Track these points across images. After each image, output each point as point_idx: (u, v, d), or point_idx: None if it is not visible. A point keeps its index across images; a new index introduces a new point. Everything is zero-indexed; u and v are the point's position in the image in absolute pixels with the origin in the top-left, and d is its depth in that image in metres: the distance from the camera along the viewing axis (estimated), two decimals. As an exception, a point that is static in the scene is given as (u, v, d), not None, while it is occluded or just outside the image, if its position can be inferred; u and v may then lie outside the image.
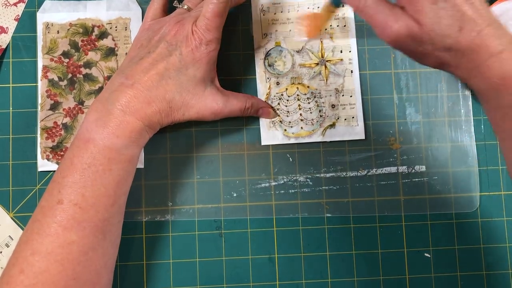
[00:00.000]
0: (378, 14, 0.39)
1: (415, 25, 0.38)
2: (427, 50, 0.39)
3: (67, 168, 0.43)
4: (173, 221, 0.53)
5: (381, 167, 0.54)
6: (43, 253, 0.41)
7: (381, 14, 0.39)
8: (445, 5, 0.37)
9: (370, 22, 0.40)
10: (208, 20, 0.46)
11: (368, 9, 0.40)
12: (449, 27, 0.37)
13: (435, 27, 0.37)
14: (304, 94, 0.54)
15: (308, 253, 0.53)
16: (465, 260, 0.53)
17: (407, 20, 0.38)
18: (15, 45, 0.54)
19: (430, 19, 0.37)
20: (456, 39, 0.37)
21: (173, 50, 0.46)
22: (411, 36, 0.38)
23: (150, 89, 0.45)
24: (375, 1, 0.40)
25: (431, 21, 0.37)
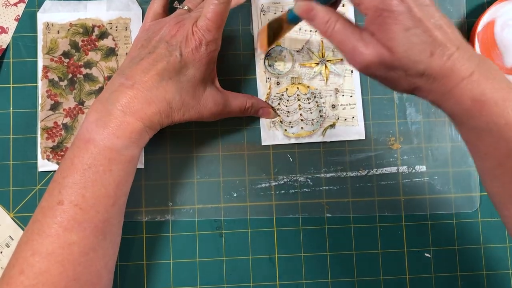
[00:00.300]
0: (346, 40, 0.38)
1: (386, 52, 0.37)
2: (398, 76, 0.38)
3: (67, 168, 0.43)
4: (173, 221, 0.53)
5: (381, 167, 0.54)
6: (44, 254, 0.41)
7: (350, 40, 0.38)
8: (416, 31, 0.36)
9: (339, 48, 0.39)
10: (208, 20, 0.46)
11: (336, 34, 0.39)
12: (421, 52, 0.36)
13: (407, 54, 0.36)
14: (304, 94, 0.54)
15: (308, 253, 0.53)
16: (465, 260, 0.53)
17: (378, 46, 0.37)
18: (15, 45, 0.54)
19: (402, 46, 0.36)
20: (428, 65, 0.37)
21: (173, 50, 0.46)
22: (382, 63, 0.37)
23: (150, 89, 0.44)
24: (343, 26, 0.38)
25: (403, 48, 0.36)
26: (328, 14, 0.39)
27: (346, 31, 0.38)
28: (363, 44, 0.37)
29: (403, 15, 0.36)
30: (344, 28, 0.38)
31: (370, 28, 0.37)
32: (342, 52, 0.39)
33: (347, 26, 0.38)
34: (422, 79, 0.38)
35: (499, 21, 0.53)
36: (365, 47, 0.37)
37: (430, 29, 0.36)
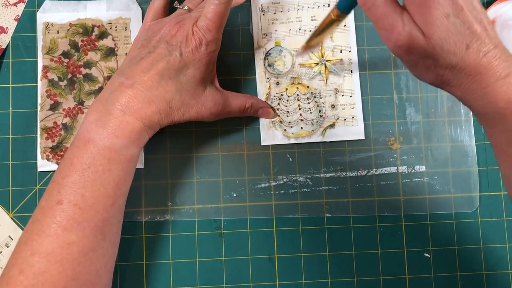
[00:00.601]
0: (386, 16, 0.37)
1: (421, 36, 0.36)
2: (429, 65, 0.37)
3: (66, 168, 0.43)
4: (173, 221, 0.53)
5: (381, 167, 0.54)
6: (43, 254, 0.41)
7: (389, 17, 0.36)
8: (456, 20, 0.35)
9: (376, 23, 0.37)
10: (209, 20, 0.46)
11: (377, 8, 0.37)
12: (456, 43, 0.35)
13: (442, 42, 0.35)
14: (304, 94, 0.54)
15: (308, 253, 0.53)
16: (465, 260, 0.53)
17: (414, 29, 0.36)
18: (15, 45, 0.54)
19: (438, 33, 0.35)
20: (462, 58, 0.35)
21: (173, 50, 0.46)
22: (415, 47, 0.36)
23: (150, 89, 0.44)
24: (384, 1, 0.37)
25: (439, 35, 0.35)
26: None
27: (386, 7, 0.36)
28: (401, 23, 0.36)
29: (445, 6, 0.35)
30: (385, 3, 0.37)
31: (410, 9, 0.36)
32: (378, 28, 0.38)
33: (389, 2, 0.37)
34: (453, 72, 0.36)
35: (499, 21, 0.53)
36: (403, 27, 0.36)
37: (470, 20, 0.35)
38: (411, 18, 0.36)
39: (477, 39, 0.35)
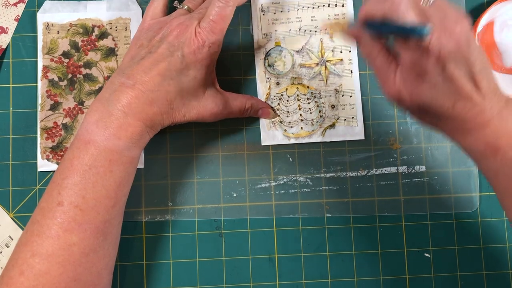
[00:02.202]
0: (382, 71, 0.41)
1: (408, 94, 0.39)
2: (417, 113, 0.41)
3: (66, 169, 0.43)
4: (173, 221, 0.53)
5: (381, 167, 0.54)
6: (44, 255, 0.41)
7: (384, 72, 0.41)
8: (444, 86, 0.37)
9: (375, 73, 0.42)
10: (213, 22, 0.46)
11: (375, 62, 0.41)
12: (443, 103, 0.38)
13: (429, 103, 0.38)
14: (304, 95, 0.54)
15: (308, 253, 0.53)
16: (465, 260, 0.53)
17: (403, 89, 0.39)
18: (15, 45, 0.54)
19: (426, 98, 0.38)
20: (448, 113, 0.38)
21: (174, 51, 0.45)
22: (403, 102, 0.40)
23: (152, 90, 0.44)
24: (381, 59, 0.41)
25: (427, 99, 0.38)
26: (374, 43, 0.41)
27: (383, 64, 0.41)
28: (393, 80, 0.40)
29: (435, 75, 0.37)
30: (382, 61, 0.41)
31: (403, 70, 0.39)
32: (377, 79, 0.42)
33: (385, 59, 0.41)
34: (438, 120, 0.40)
35: (498, 21, 0.53)
36: (394, 84, 0.40)
37: (458, 83, 0.37)
38: (402, 77, 0.39)
39: (464, 98, 0.38)
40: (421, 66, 0.37)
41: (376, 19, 0.39)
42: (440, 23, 0.36)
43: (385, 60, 0.41)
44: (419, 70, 0.38)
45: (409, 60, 0.38)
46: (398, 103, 0.41)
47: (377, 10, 0.39)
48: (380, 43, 0.41)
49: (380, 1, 0.39)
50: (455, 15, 0.37)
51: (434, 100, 0.38)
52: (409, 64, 0.38)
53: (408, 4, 0.37)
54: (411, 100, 0.39)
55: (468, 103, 0.38)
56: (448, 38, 0.36)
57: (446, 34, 0.36)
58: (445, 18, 0.37)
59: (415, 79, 0.38)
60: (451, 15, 0.37)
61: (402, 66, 0.39)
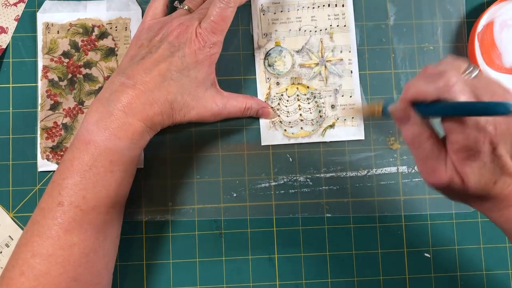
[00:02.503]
0: (430, 159, 0.38)
1: (458, 181, 0.37)
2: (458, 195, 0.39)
3: (67, 169, 0.43)
4: (173, 221, 0.53)
5: (381, 167, 0.54)
6: (44, 255, 0.41)
7: (433, 161, 0.38)
8: (491, 165, 0.36)
9: (419, 162, 0.39)
10: (214, 23, 0.46)
11: (422, 151, 0.38)
12: (487, 183, 0.37)
13: (475, 184, 0.37)
14: (304, 95, 0.54)
15: (308, 253, 0.53)
16: (465, 260, 0.53)
17: (454, 174, 0.37)
18: (15, 45, 0.54)
19: (474, 179, 0.36)
20: (489, 191, 0.37)
21: (175, 51, 0.45)
22: (452, 189, 0.38)
23: (152, 90, 0.44)
24: (431, 145, 0.38)
25: (474, 180, 0.37)
26: (422, 128, 0.38)
27: (433, 150, 0.38)
28: (444, 169, 0.37)
29: (486, 155, 0.36)
30: (431, 148, 0.38)
31: (453, 157, 0.37)
32: (419, 166, 0.39)
33: (435, 146, 0.38)
34: (475, 198, 0.39)
35: (498, 21, 0.53)
36: (444, 172, 0.37)
37: (504, 161, 0.36)
38: (453, 164, 0.37)
39: (505, 175, 0.37)
40: (474, 148, 0.35)
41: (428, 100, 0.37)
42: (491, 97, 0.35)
43: (435, 145, 0.38)
44: (471, 151, 0.36)
45: (462, 142, 0.36)
46: (448, 189, 0.38)
47: (429, 90, 0.36)
48: (430, 127, 0.38)
49: (430, 80, 0.37)
50: (502, 91, 0.36)
51: (481, 180, 0.37)
52: (461, 146, 0.36)
53: (463, 84, 0.35)
54: (462, 186, 0.37)
55: (509, 179, 0.37)
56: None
57: None
58: (495, 94, 0.36)
59: (465, 163, 0.36)
60: (499, 91, 0.36)
61: (452, 149, 0.37)
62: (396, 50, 0.55)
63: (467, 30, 0.55)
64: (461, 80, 0.35)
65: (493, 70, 0.54)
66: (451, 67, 0.37)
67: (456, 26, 0.55)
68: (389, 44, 0.55)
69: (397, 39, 0.55)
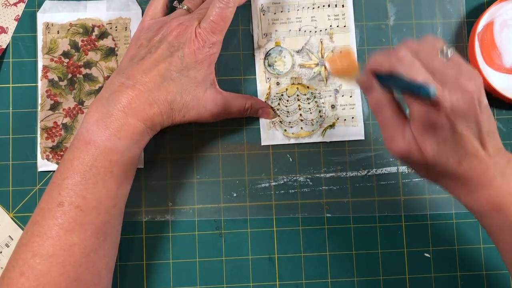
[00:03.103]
0: (388, 127, 0.40)
1: (417, 151, 0.38)
2: (422, 169, 0.40)
3: (67, 169, 0.43)
4: (173, 221, 0.53)
5: (381, 167, 0.54)
6: (44, 256, 0.41)
7: (391, 128, 0.40)
8: (452, 143, 0.37)
9: (381, 129, 0.41)
10: (213, 22, 0.46)
11: (383, 117, 0.40)
12: (449, 160, 0.38)
13: (436, 159, 0.38)
14: (304, 95, 0.54)
15: (308, 253, 0.53)
16: (465, 260, 0.53)
17: (412, 143, 0.38)
18: (15, 45, 0.54)
19: (433, 153, 0.38)
20: (453, 171, 0.38)
21: (174, 51, 0.45)
22: (410, 158, 0.39)
23: (152, 90, 0.44)
24: (391, 113, 0.40)
25: (434, 154, 0.38)
26: (383, 96, 0.40)
27: (392, 119, 0.40)
28: (401, 136, 0.39)
29: (444, 130, 0.37)
30: (391, 115, 0.40)
31: (413, 128, 0.38)
32: (382, 133, 0.41)
33: (395, 114, 0.40)
34: (443, 178, 0.40)
35: (498, 21, 0.53)
36: (402, 140, 0.39)
37: (467, 141, 0.37)
38: (410, 133, 0.39)
39: (470, 156, 0.38)
40: (431, 121, 0.37)
41: (383, 72, 0.39)
42: (454, 79, 0.36)
43: (394, 114, 0.40)
44: (429, 124, 0.37)
45: (419, 114, 0.37)
46: (405, 158, 0.40)
47: (384, 62, 0.39)
48: (390, 95, 0.40)
49: (386, 53, 0.39)
50: (469, 73, 0.37)
51: (441, 155, 0.38)
52: (418, 118, 0.37)
53: (413, 60, 0.37)
54: (419, 156, 0.38)
55: (474, 161, 0.38)
56: (460, 95, 0.36)
57: (458, 91, 0.36)
58: (460, 75, 0.36)
59: (424, 134, 0.38)
60: (465, 72, 0.37)
61: (412, 120, 0.38)
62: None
63: (467, 30, 0.55)
64: (409, 56, 0.37)
65: (493, 70, 0.54)
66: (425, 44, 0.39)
67: (456, 26, 0.55)
68: (389, 44, 0.55)
69: (397, 39, 0.55)
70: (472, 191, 0.39)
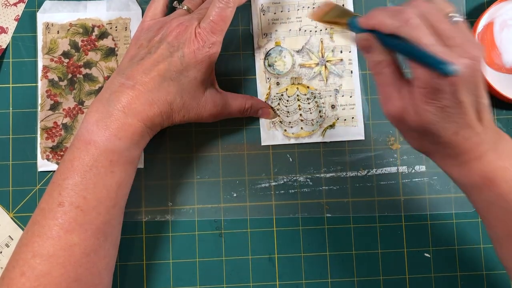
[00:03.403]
0: (386, 86, 0.39)
1: (413, 115, 0.37)
2: (415, 136, 0.40)
3: (67, 170, 0.43)
4: (173, 221, 0.53)
5: (381, 167, 0.54)
6: (45, 256, 0.41)
7: (388, 88, 0.39)
8: (451, 110, 0.36)
9: (378, 88, 0.40)
10: (213, 23, 0.46)
11: (381, 76, 0.39)
12: (446, 129, 0.37)
13: (433, 125, 0.37)
14: (304, 95, 0.54)
15: (308, 253, 0.53)
16: (465, 260, 0.53)
17: (409, 106, 0.38)
18: (15, 45, 0.54)
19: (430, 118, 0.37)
20: (448, 140, 0.38)
21: (174, 51, 0.45)
22: (404, 121, 0.38)
23: (152, 90, 0.44)
24: (390, 72, 0.39)
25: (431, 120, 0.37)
26: (383, 56, 0.39)
27: (390, 78, 0.39)
28: (397, 97, 0.38)
29: (446, 96, 0.36)
30: (390, 75, 0.39)
31: (413, 89, 0.37)
32: (379, 93, 0.40)
33: (394, 75, 0.39)
34: (437, 147, 0.39)
35: (498, 21, 0.53)
36: (398, 100, 0.38)
37: (466, 110, 0.36)
38: (409, 95, 0.38)
39: (466, 127, 0.37)
40: (434, 86, 0.36)
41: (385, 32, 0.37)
42: (461, 45, 0.35)
43: (393, 74, 0.39)
44: (430, 89, 0.36)
45: (423, 79, 0.36)
46: (399, 121, 0.39)
47: (387, 22, 0.37)
48: (391, 56, 0.39)
49: (392, 15, 0.37)
50: (475, 41, 0.37)
51: (439, 122, 0.37)
52: (422, 82, 0.36)
53: (420, 24, 0.36)
54: (415, 120, 0.37)
55: (470, 131, 0.37)
56: (467, 62, 0.35)
57: (465, 57, 0.35)
58: (467, 41, 0.36)
59: (424, 98, 0.36)
60: (471, 39, 0.36)
61: (415, 83, 0.37)
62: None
63: (467, 30, 0.55)
64: (416, 19, 0.36)
65: (493, 70, 0.54)
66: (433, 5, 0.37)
67: (456, 26, 0.55)
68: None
69: (397, 39, 0.55)
70: (464, 164, 0.38)
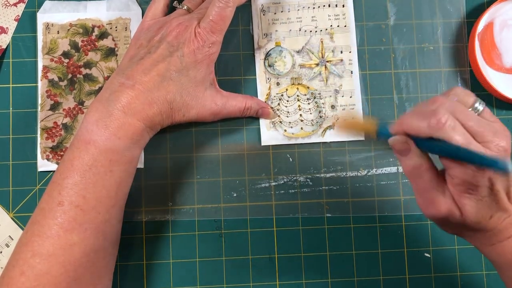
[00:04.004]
0: (428, 191, 0.39)
1: (457, 212, 0.38)
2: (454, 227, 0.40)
3: (67, 169, 0.43)
4: (173, 221, 0.53)
5: (381, 167, 0.54)
6: (44, 255, 0.41)
7: (431, 192, 0.38)
8: (488, 199, 0.37)
9: (418, 193, 0.39)
10: (213, 22, 0.46)
11: (421, 182, 0.39)
12: (483, 216, 0.38)
13: (472, 217, 0.38)
14: (304, 95, 0.54)
15: (308, 253, 0.53)
16: (465, 260, 0.53)
17: (452, 206, 0.38)
18: (15, 45, 0.54)
19: (471, 212, 0.37)
20: (484, 225, 0.38)
21: (174, 51, 0.46)
22: (449, 220, 0.39)
23: (151, 90, 0.44)
24: (430, 177, 0.38)
25: (472, 213, 0.37)
26: (422, 160, 0.38)
27: (432, 182, 0.38)
28: (443, 201, 0.38)
29: (484, 190, 0.37)
30: (430, 179, 0.38)
31: (452, 190, 0.38)
32: (418, 197, 0.40)
33: (434, 178, 0.38)
34: (470, 232, 0.40)
35: (498, 21, 0.53)
36: (444, 203, 0.38)
37: (499, 197, 0.37)
38: (451, 196, 0.38)
39: (500, 210, 0.38)
40: (473, 183, 0.36)
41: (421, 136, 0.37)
42: (493, 141, 0.36)
43: (434, 177, 0.38)
44: (470, 186, 0.37)
45: (463, 177, 0.36)
46: (446, 221, 0.39)
47: (422, 126, 0.37)
48: (428, 158, 0.39)
49: (424, 117, 0.37)
50: (503, 129, 0.37)
51: (478, 213, 0.37)
52: (462, 180, 0.37)
53: (455, 124, 0.36)
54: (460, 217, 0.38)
55: (503, 214, 0.38)
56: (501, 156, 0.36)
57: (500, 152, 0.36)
58: (496, 133, 0.36)
59: (464, 195, 0.37)
60: (499, 129, 0.37)
61: (453, 182, 0.37)
62: (396, 50, 0.55)
63: (467, 30, 0.55)
64: (453, 120, 0.36)
65: (493, 70, 0.54)
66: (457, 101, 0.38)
67: (456, 26, 0.55)
68: (389, 44, 0.55)
69: (397, 39, 0.55)
70: (497, 243, 0.39)
